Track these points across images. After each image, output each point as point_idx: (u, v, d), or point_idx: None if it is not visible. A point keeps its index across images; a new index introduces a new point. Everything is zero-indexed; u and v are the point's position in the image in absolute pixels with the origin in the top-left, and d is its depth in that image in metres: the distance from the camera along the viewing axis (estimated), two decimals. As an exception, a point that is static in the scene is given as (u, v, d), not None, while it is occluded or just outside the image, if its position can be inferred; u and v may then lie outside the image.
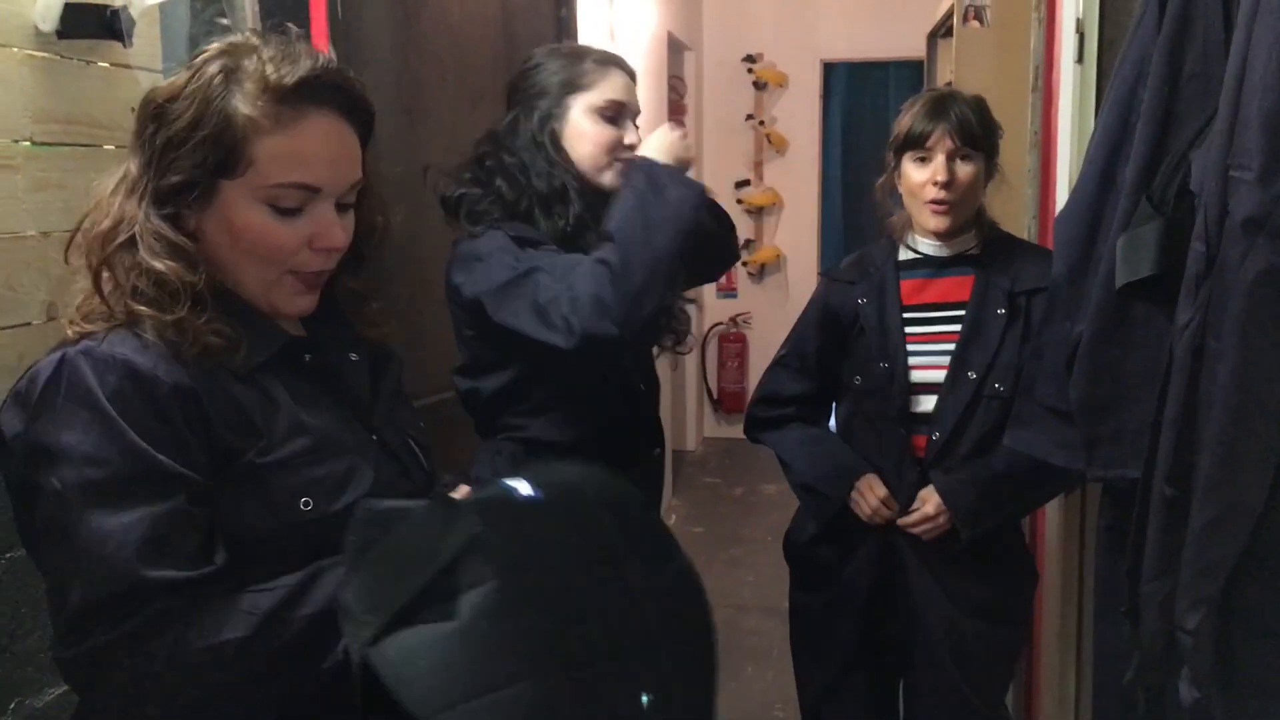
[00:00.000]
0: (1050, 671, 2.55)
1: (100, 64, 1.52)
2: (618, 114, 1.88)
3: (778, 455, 2.29)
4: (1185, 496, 1.20)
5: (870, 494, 2.09)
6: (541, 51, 1.94)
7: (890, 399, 2.10)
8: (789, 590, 2.33)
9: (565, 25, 3.39)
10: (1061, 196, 2.44)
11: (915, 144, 2.05)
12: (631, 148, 1.85)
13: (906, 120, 2.07)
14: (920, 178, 2.06)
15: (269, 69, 1.12)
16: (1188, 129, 1.43)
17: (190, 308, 1.10)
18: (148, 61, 1.61)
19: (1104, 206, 1.60)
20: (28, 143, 1.41)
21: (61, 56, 1.46)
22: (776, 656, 3.81)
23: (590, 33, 4.03)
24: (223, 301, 1.14)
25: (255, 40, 1.17)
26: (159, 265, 1.09)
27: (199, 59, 1.15)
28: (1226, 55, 1.30)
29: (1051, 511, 2.49)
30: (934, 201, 2.05)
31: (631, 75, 1.93)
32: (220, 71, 1.12)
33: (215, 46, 1.16)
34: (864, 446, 2.17)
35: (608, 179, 1.86)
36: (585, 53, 1.93)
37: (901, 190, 2.12)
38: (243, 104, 1.11)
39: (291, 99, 1.13)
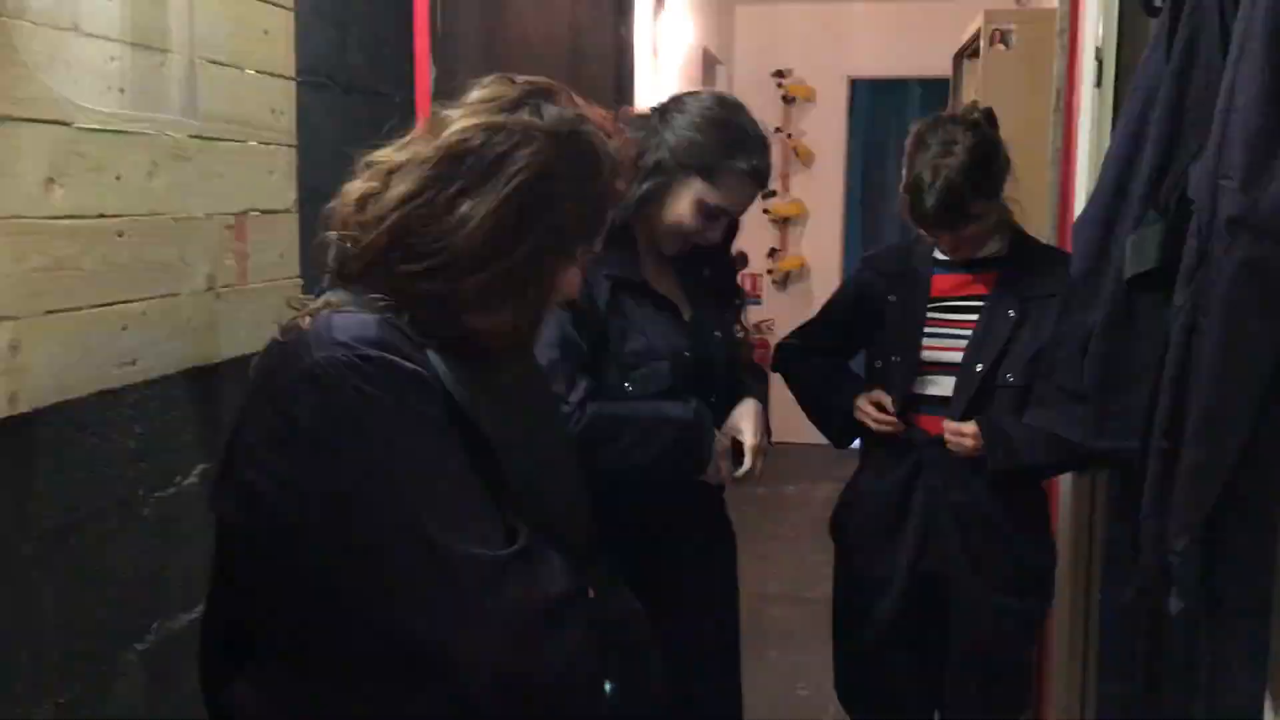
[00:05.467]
0: (1061, 630, 2.72)
1: (250, 71, 1.75)
2: (719, 214, 1.87)
3: (794, 386, 2.47)
4: (1177, 447, 1.44)
5: (868, 403, 2.30)
6: (714, 104, 1.87)
7: (895, 383, 2.30)
8: (834, 568, 2.49)
9: (624, 42, 3.63)
10: (1080, 210, 2.62)
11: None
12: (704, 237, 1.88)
13: (905, 173, 2.22)
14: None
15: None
16: (1191, 147, 1.62)
17: None
18: (283, 70, 1.84)
19: (1117, 214, 1.79)
20: (199, 138, 1.64)
21: (222, 64, 1.69)
22: (800, 640, 3.99)
23: (637, 49, 4.27)
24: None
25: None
26: None
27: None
28: (1222, 86, 1.52)
29: (1064, 488, 2.68)
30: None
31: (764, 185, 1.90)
32: None
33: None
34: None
35: (665, 248, 1.92)
36: (741, 148, 1.84)
37: None
38: None
39: None
